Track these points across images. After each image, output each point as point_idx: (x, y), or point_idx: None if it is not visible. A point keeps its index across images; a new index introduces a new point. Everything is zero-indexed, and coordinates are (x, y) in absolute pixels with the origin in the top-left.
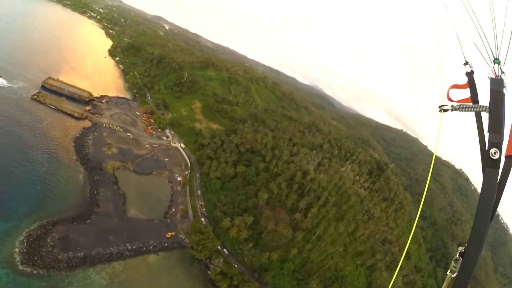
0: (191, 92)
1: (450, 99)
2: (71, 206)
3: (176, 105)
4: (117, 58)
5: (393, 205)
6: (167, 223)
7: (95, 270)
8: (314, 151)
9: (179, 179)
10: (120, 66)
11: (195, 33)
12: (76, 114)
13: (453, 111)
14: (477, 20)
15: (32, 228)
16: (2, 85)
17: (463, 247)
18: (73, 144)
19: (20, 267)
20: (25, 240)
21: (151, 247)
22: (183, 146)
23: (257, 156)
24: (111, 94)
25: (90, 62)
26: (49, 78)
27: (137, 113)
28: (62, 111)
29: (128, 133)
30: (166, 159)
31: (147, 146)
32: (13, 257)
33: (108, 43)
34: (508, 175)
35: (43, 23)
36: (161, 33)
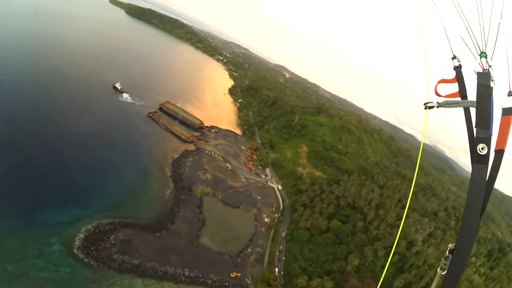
0: (299, 135)
1: (438, 94)
2: (147, 216)
3: (282, 146)
4: (235, 97)
5: None
6: (237, 262)
7: (142, 282)
8: (426, 219)
9: (266, 220)
10: (236, 104)
11: (314, 83)
12: (183, 137)
13: (439, 108)
14: (463, 14)
15: (102, 222)
16: (125, 100)
17: (453, 244)
18: (171, 162)
19: (75, 251)
20: (91, 230)
21: (210, 281)
22: (280, 188)
23: (357, 213)
24: (222, 126)
25: (210, 96)
26: (168, 102)
27: (242, 147)
28: (171, 132)
29: (227, 164)
30: (258, 197)
31: (243, 180)
32: (74, 240)
33: (230, 83)
34: (498, 170)
35: (175, 59)
36: (281, 80)
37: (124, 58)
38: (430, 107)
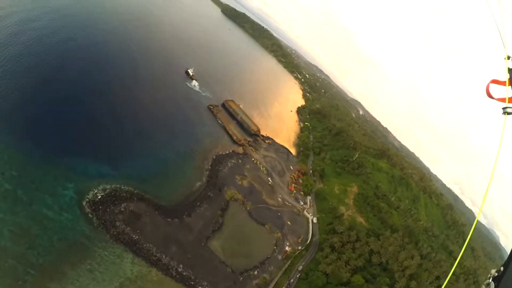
0: (353, 174)
1: (490, 96)
2: (167, 199)
3: (332, 179)
4: (302, 117)
5: None
6: (238, 280)
7: (132, 259)
8: None
9: (287, 248)
10: (300, 123)
11: (386, 128)
12: (235, 138)
13: None
14: None
15: (122, 188)
16: (192, 87)
17: (496, 270)
18: (214, 157)
19: (84, 203)
20: (107, 190)
21: (199, 287)
22: (314, 220)
23: (386, 276)
24: (277, 140)
25: (276, 108)
26: (232, 100)
27: (291, 167)
28: (225, 129)
29: (269, 178)
30: (288, 222)
31: (279, 199)
32: (88, 193)
33: (301, 102)
34: None
35: (254, 64)
36: (353, 115)
37: (206, 50)
38: (510, 113)
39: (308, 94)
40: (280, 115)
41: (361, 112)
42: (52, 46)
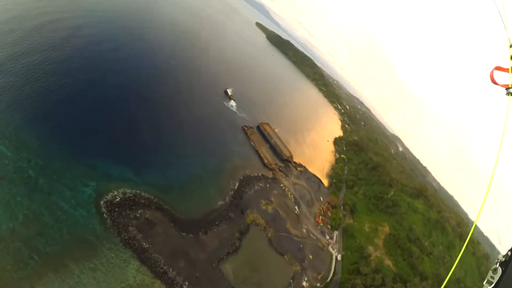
0: (387, 212)
1: (494, 82)
2: (186, 213)
3: (363, 216)
4: (338, 148)
5: None
6: None
7: (138, 267)
8: None
9: (304, 284)
10: (336, 154)
11: (425, 167)
12: (266, 161)
13: None
14: None
15: (142, 194)
16: (229, 106)
17: (503, 255)
18: (241, 178)
19: (101, 203)
20: (127, 195)
21: None
22: (339, 258)
23: None
24: (310, 169)
25: (313, 136)
26: (267, 124)
27: (321, 198)
28: (257, 152)
29: (296, 207)
30: (310, 256)
31: (304, 230)
32: (107, 194)
33: (338, 133)
34: None
35: (294, 91)
36: (392, 151)
37: (247, 72)
38: None
39: (347, 126)
40: (315, 144)
41: (400, 149)
42: (100, 53)
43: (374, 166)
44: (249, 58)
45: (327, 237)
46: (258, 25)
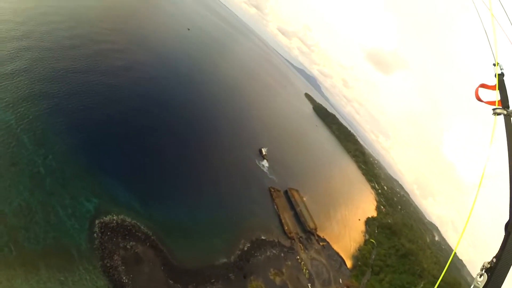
0: None
1: (479, 99)
2: (181, 260)
3: None
4: (369, 229)
5: None
6: None
7: None
8: None
9: None
10: (366, 235)
11: (461, 260)
12: (286, 228)
13: (507, 116)
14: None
15: (141, 227)
16: (261, 166)
17: (489, 262)
18: (254, 239)
19: (96, 221)
20: (125, 223)
21: None
22: None
23: None
24: (333, 245)
25: (343, 213)
26: (296, 190)
27: (340, 280)
28: (279, 216)
29: (309, 284)
30: None
31: None
32: (105, 215)
33: (372, 214)
34: None
35: (331, 163)
36: (427, 239)
37: (287, 136)
38: (498, 114)
39: (382, 207)
40: (345, 221)
41: (436, 238)
42: (149, 88)
43: (405, 253)
44: (291, 123)
45: None
46: (307, 95)
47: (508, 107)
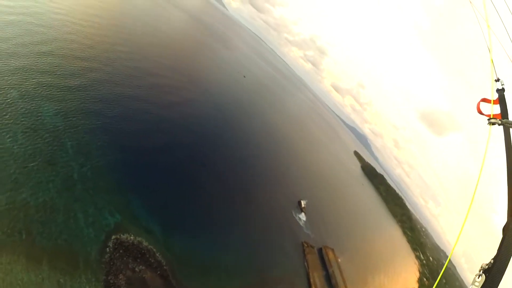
0: None
1: (480, 112)
2: None
3: None
4: None
5: None
6: None
7: None
8: None
9: None
10: None
11: None
12: None
13: (501, 126)
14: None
15: (156, 253)
16: (297, 218)
17: (487, 263)
18: None
19: (113, 236)
20: (142, 245)
21: None
22: None
23: None
24: None
25: (380, 280)
26: (332, 250)
27: None
28: (307, 274)
29: None
30: None
31: None
32: (123, 233)
33: (413, 285)
34: None
35: (375, 225)
36: None
37: (330, 191)
38: (493, 123)
39: (425, 279)
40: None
41: None
42: (195, 123)
43: None
44: (336, 179)
45: None
46: (356, 153)
47: (507, 118)
